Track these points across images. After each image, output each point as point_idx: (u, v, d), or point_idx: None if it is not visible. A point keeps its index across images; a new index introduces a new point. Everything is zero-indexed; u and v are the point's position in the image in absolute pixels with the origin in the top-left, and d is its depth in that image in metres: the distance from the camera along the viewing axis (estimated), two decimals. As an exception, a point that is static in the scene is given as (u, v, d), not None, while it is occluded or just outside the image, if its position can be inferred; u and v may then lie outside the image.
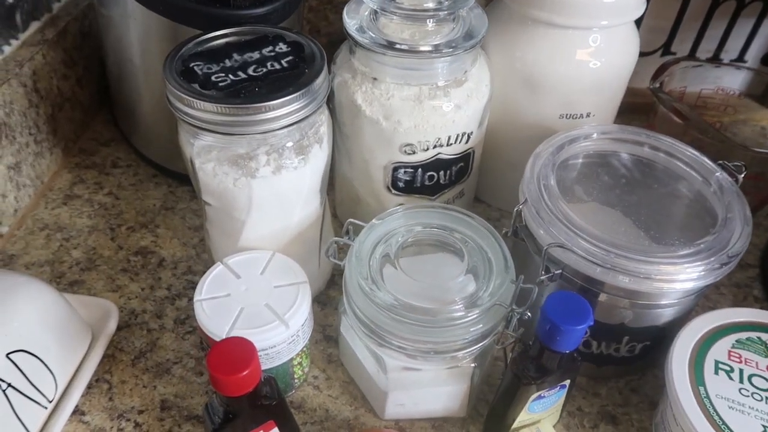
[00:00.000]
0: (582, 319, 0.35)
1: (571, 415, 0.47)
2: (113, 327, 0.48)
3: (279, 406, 0.38)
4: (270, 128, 0.39)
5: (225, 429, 0.36)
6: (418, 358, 0.40)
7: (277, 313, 0.41)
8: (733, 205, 0.43)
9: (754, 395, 0.39)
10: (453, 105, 0.48)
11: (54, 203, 0.61)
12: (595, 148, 0.49)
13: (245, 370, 0.33)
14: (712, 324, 0.43)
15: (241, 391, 0.34)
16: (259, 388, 0.36)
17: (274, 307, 0.41)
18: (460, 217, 0.45)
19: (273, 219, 0.45)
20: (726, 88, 0.63)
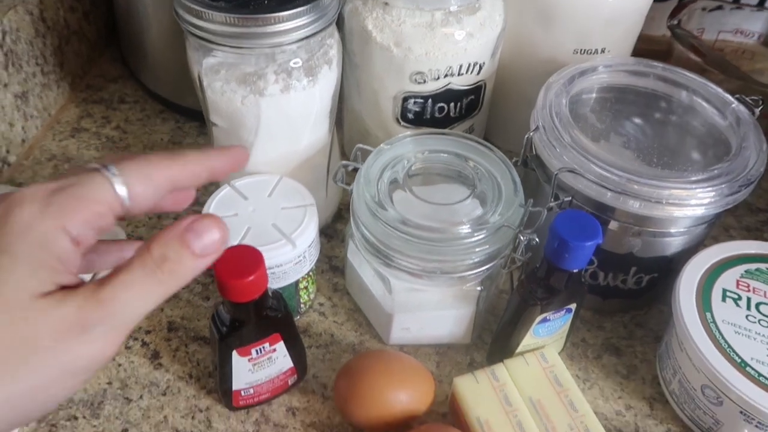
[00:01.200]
0: (591, 236, 0.35)
1: (575, 345, 0.47)
2: (121, 251, 0.49)
3: (285, 320, 0.39)
4: (279, 42, 0.39)
5: (231, 337, 0.37)
6: (423, 278, 0.40)
7: (284, 233, 0.41)
8: (748, 135, 0.43)
9: (761, 321, 0.39)
10: (465, 33, 0.47)
11: (61, 135, 0.61)
12: (609, 80, 0.48)
13: (252, 275, 0.33)
14: (723, 254, 0.43)
15: (247, 297, 0.34)
16: (265, 297, 0.36)
17: (281, 227, 0.41)
18: (469, 143, 0.45)
19: (281, 142, 0.44)
20: (745, 30, 0.61)
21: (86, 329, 0.26)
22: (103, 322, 0.26)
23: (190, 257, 0.27)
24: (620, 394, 0.44)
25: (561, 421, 0.38)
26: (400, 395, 0.39)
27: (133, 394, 0.42)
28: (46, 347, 0.25)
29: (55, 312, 0.25)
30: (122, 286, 0.26)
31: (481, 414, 0.38)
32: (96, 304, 0.26)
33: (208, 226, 0.28)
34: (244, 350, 0.37)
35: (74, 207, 0.26)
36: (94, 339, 0.26)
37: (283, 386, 0.42)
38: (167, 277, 0.27)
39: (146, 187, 0.28)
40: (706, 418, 0.40)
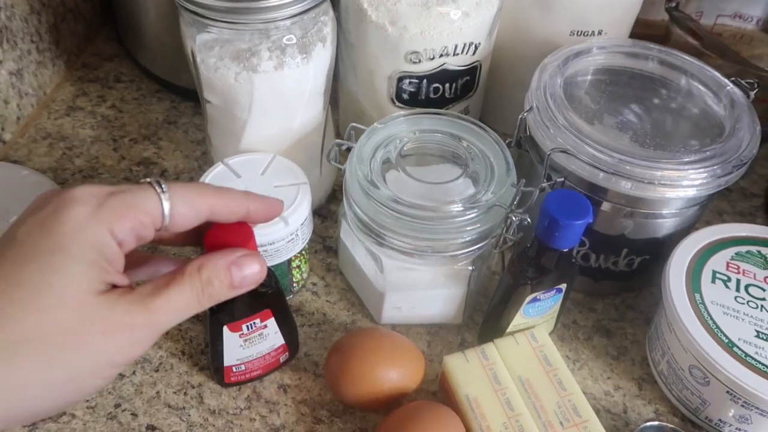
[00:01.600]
0: (581, 215, 0.35)
1: (566, 327, 0.47)
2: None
3: (276, 296, 0.39)
4: (272, 17, 0.39)
5: (221, 312, 0.37)
6: (415, 256, 0.40)
7: None
8: (742, 117, 0.43)
9: (749, 303, 0.40)
10: (461, 12, 0.47)
11: (57, 114, 0.61)
12: (604, 62, 0.48)
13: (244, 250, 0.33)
14: (714, 237, 0.43)
15: None
16: None
17: None
18: (462, 123, 0.45)
19: (275, 120, 0.44)
20: (744, 15, 0.61)
21: (133, 332, 0.28)
22: (149, 328, 0.29)
23: (228, 287, 0.31)
24: (609, 374, 0.44)
25: (549, 399, 0.38)
26: (390, 373, 0.39)
27: (126, 370, 0.43)
28: (95, 342, 0.27)
29: (107, 312, 0.28)
30: (170, 300, 0.29)
31: (470, 392, 0.38)
32: (146, 311, 0.28)
33: (251, 264, 0.31)
34: (234, 326, 0.38)
35: (124, 213, 0.29)
36: (136, 341, 0.29)
37: (275, 363, 0.42)
38: (206, 299, 0.30)
39: (188, 210, 0.31)
40: (693, 398, 0.40)
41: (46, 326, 0.26)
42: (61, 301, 0.27)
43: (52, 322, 0.26)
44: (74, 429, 0.40)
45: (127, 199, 0.29)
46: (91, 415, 0.40)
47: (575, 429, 0.37)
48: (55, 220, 0.28)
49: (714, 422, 0.40)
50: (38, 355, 0.26)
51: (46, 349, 0.26)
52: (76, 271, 0.27)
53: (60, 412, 0.30)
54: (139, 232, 0.29)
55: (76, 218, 0.28)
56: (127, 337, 0.28)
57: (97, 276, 0.28)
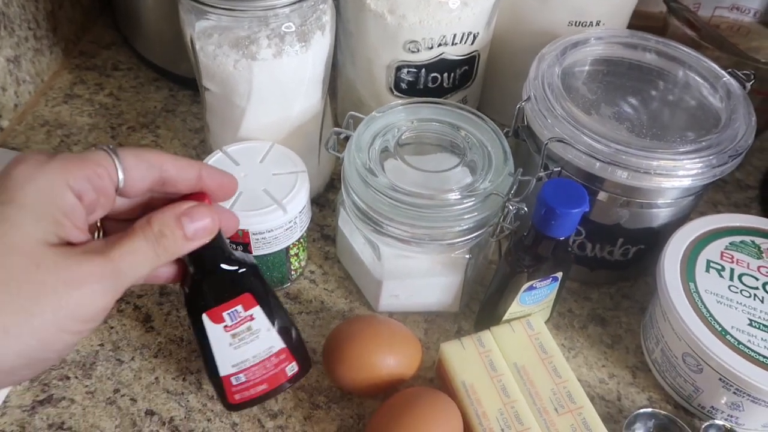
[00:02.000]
0: (577, 204, 0.36)
1: (561, 315, 0.48)
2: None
3: (255, 279, 0.36)
4: (271, 5, 0.39)
5: (196, 297, 0.35)
6: (413, 244, 0.41)
7: (275, 198, 0.41)
8: (738, 108, 0.43)
9: (742, 292, 0.40)
10: (460, 2, 0.47)
11: (54, 101, 0.61)
12: (602, 53, 0.48)
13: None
14: (709, 227, 0.44)
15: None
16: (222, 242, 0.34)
17: (272, 193, 0.42)
18: (460, 113, 0.45)
19: (273, 108, 0.45)
20: (742, 7, 0.61)
21: (95, 281, 0.28)
22: (110, 277, 0.28)
23: (182, 238, 0.31)
24: (604, 362, 0.45)
25: (544, 386, 0.39)
26: (387, 359, 0.39)
27: (125, 356, 0.43)
28: (57, 292, 0.27)
29: (63, 260, 0.27)
30: (128, 251, 0.29)
31: (467, 378, 0.39)
32: (106, 260, 0.28)
33: (201, 214, 0.31)
34: (214, 313, 0.35)
35: (76, 164, 0.29)
36: (99, 292, 0.28)
37: (281, 376, 0.38)
38: (162, 251, 0.30)
39: (138, 162, 0.31)
40: (686, 386, 0.41)
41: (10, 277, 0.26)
42: (11, 249, 0.26)
43: (4, 269, 0.26)
44: (73, 414, 0.40)
45: (79, 155, 0.29)
46: (90, 400, 0.41)
47: (570, 415, 0.38)
48: (4, 175, 0.28)
49: (707, 409, 0.40)
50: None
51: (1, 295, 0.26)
52: (26, 221, 0.27)
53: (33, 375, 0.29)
54: (97, 183, 0.29)
55: (25, 171, 0.28)
56: (89, 287, 0.27)
57: (51, 228, 0.27)
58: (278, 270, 0.45)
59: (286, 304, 0.47)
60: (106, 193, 0.30)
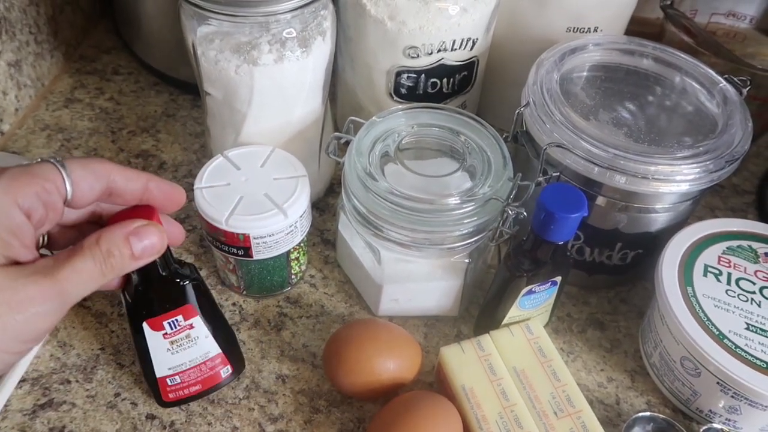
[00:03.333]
0: (576, 208, 0.36)
1: (560, 320, 0.48)
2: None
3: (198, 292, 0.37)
4: (273, 10, 0.39)
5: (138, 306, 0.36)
6: (412, 249, 0.41)
7: (276, 203, 0.41)
8: (734, 114, 0.43)
9: (740, 296, 0.40)
10: (459, 8, 0.47)
11: (55, 105, 0.61)
12: (600, 59, 0.49)
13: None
14: (706, 231, 0.44)
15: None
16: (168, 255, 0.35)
17: (273, 197, 0.42)
18: (460, 118, 0.45)
19: (274, 113, 0.45)
20: (738, 14, 0.62)
21: (39, 304, 0.28)
22: (56, 299, 0.29)
23: (129, 257, 0.31)
24: (603, 366, 0.45)
25: (543, 390, 0.39)
26: (387, 363, 0.39)
27: (126, 360, 0.43)
28: (0, 315, 0.27)
29: (9, 282, 0.27)
30: (74, 270, 0.29)
31: (466, 382, 0.39)
32: (52, 281, 0.28)
33: (149, 233, 0.32)
34: (155, 322, 0.36)
35: (25, 181, 0.29)
36: (42, 314, 0.28)
37: (215, 378, 0.40)
38: (108, 269, 0.30)
39: (86, 174, 0.31)
40: (684, 390, 0.41)
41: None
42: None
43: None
44: (74, 418, 0.40)
45: (25, 169, 0.29)
46: (91, 403, 0.41)
47: (569, 419, 0.38)
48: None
49: (705, 413, 0.40)
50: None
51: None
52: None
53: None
54: (45, 199, 0.29)
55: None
56: (35, 309, 0.28)
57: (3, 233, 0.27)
58: (279, 274, 0.45)
59: (286, 308, 0.47)
60: (54, 208, 0.30)
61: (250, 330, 0.45)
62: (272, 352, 0.44)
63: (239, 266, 0.44)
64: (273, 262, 0.44)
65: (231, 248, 0.42)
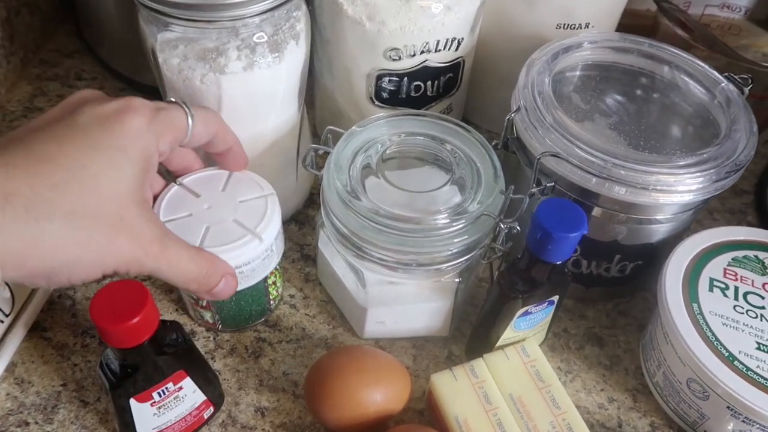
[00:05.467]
0: (576, 227, 0.33)
1: (556, 336, 0.45)
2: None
3: (188, 353, 0.35)
4: (240, 14, 0.35)
5: (124, 386, 0.33)
6: (399, 270, 0.38)
7: (248, 227, 0.38)
8: (738, 117, 0.41)
9: (748, 312, 0.38)
10: (443, 6, 0.44)
11: (12, 115, 0.57)
12: (594, 58, 0.46)
13: (137, 316, 0.29)
14: (709, 242, 0.41)
15: (135, 341, 0.31)
16: (161, 333, 0.32)
17: (243, 222, 0.38)
18: (446, 125, 0.42)
19: (246, 124, 0.41)
20: (732, 5, 0.59)
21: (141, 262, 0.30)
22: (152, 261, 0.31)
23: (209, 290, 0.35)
24: (603, 386, 0.43)
25: (543, 419, 0.36)
26: (374, 395, 0.36)
27: (90, 397, 0.40)
28: (120, 243, 0.29)
29: (143, 222, 0.31)
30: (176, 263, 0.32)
31: (460, 413, 0.36)
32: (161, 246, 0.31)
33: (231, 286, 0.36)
34: (143, 396, 0.33)
35: (169, 128, 0.33)
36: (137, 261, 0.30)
37: (199, 422, 0.38)
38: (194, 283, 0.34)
39: (203, 129, 0.35)
40: (691, 412, 0.38)
41: (97, 210, 0.28)
42: (113, 197, 0.29)
43: (101, 209, 0.29)
44: (33, 464, 0.37)
45: (169, 116, 0.33)
46: (52, 447, 0.37)
47: (570, 449, 0.35)
48: (118, 121, 0.30)
49: (712, 436, 0.38)
50: (78, 230, 0.28)
51: (89, 227, 0.28)
52: (131, 172, 0.30)
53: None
54: (175, 145, 0.34)
55: (137, 125, 0.30)
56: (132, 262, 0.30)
57: (142, 182, 0.31)
58: (257, 303, 0.42)
59: (264, 333, 0.44)
60: (173, 150, 0.35)
61: (225, 358, 0.42)
62: (250, 382, 0.41)
63: (213, 302, 0.40)
64: (250, 292, 0.40)
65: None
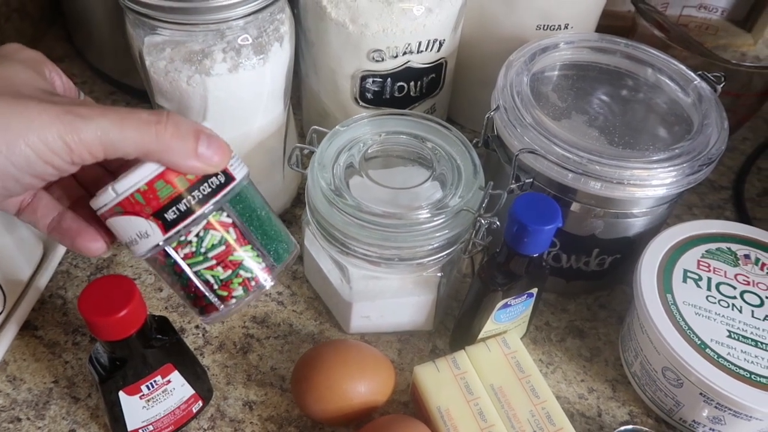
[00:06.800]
0: (550, 220, 0.34)
1: (538, 329, 0.46)
2: (66, 241, 0.46)
3: (176, 347, 0.36)
4: (223, 17, 0.36)
5: (113, 378, 0.33)
6: (382, 265, 0.39)
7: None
8: (710, 113, 0.42)
9: (720, 302, 0.39)
10: (424, 8, 0.45)
11: (3, 119, 0.57)
12: (572, 57, 0.47)
13: (124, 309, 0.30)
14: (684, 234, 0.43)
15: (123, 334, 0.31)
16: (148, 327, 0.33)
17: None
18: (427, 124, 0.43)
19: (232, 125, 0.42)
20: (709, 6, 0.61)
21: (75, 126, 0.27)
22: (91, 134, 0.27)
23: (193, 150, 0.29)
24: (583, 377, 0.44)
25: (522, 407, 0.37)
26: (358, 386, 0.37)
27: (81, 393, 0.40)
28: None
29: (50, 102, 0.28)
30: (116, 114, 0.28)
31: (442, 403, 0.37)
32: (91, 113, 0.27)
33: (221, 146, 0.30)
34: (131, 389, 0.34)
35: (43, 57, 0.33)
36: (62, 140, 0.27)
37: (188, 415, 0.38)
38: (162, 134, 0.28)
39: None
40: (667, 400, 0.39)
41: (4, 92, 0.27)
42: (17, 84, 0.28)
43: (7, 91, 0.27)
44: (25, 459, 0.37)
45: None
46: (44, 442, 0.38)
47: (549, 437, 0.36)
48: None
49: (688, 423, 0.39)
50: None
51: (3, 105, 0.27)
52: (24, 70, 0.30)
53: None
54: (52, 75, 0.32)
55: (14, 45, 0.32)
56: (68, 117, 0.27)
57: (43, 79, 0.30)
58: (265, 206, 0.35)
59: (252, 329, 0.45)
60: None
61: (214, 354, 0.43)
62: (238, 377, 0.42)
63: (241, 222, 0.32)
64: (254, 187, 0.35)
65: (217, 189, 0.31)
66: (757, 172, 0.60)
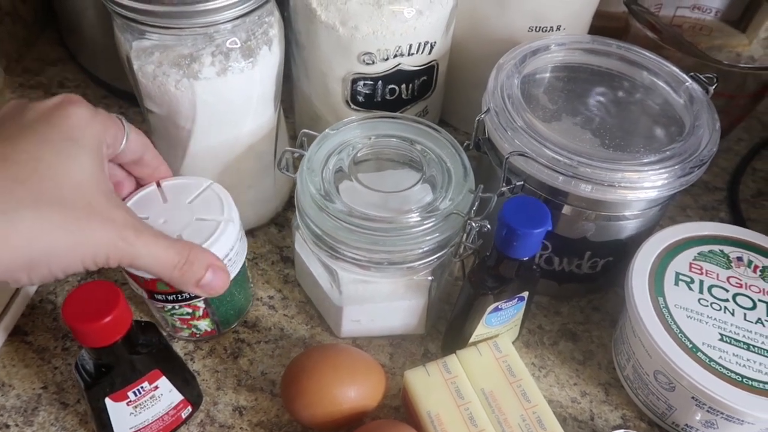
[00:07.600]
0: (539, 223, 0.34)
1: (531, 332, 0.46)
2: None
3: (163, 353, 0.36)
4: (211, 21, 0.36)
5: (100, 384, 0.33)
6: (372, 269, 0.39)
7: (215, 218, 0.38)
8: (701, 114, 0.42)
9: (712, 305, 0.39)
10: (415, 11, 0.45)
11: (-5, 123, 0.57)
12: (563, 59, 0.47)
13: (109, 315, 0.30)
14: (676, 237, 0.42)
15: (108, 340, 0.31)
16: (134, 333, 0.33)
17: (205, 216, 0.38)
18: (417, 127, 0.43)
19: (222, 129, 0.42)
20: (703, 6, 0.60)
21: (116, 247, 0.30)
22: (127, 255, 0.31)
23: (195, 282, 0.34)
24: (576, 380, 0.43)
25: (513, 412, 0.37)
26: (348, 391, 0.37)
27: (70, 399, 0.40)
28: (93, 227, 0.29)
29: (112, 206, 0.30)
30: (154, 248, 0.31)
31: (432, 408, 0.37)
32: (136, 233, 0.31)
33: (222, 278, 0.35)
34: (118, 395, 0.34)
35: (112, 122, 0.33)
36: (106, 258, 0.30)
37: (177, 421, 0.38)
38: (173, 272, 0.33)
39: (137, 139, 0.36)
40: (659, 404, 0.39)
41: (62, 199, 0.28)
42: (76, 185, 0.29)
43: (67, 197, 0.28)
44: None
45: (108, 114, 0.33)
46: (32, 449, 0.38)
47: (540, 442, 0.36)
48: (63, 114, 0.30)
49: (681, 427, 0.39)
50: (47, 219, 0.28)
51: (59, 215, 0.28)
52: (88, 161, 0.30)
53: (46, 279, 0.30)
54: (113, 145, 0.34)
55: (82, 115, 0.31)
56: (114, 238, 0.30)
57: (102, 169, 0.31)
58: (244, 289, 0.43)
59: (243, 333, 0.44)
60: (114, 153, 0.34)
61: (204, 359, 0.43)
62: (228, 382, 0.42)
63: (211, 303, 0.40)
64: (239, 278, 0.41)
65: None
66: (751, 173, 0.59)
